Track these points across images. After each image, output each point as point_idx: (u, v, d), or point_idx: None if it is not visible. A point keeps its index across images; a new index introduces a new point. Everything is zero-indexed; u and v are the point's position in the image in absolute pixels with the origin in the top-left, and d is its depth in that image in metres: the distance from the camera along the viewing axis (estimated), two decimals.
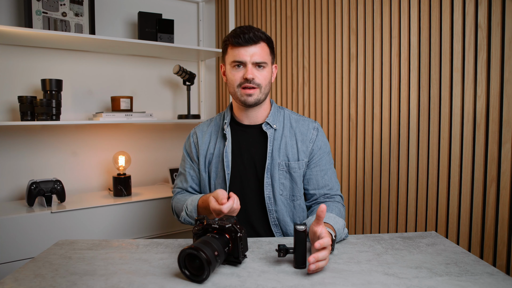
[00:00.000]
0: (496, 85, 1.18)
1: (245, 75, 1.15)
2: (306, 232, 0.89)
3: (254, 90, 1.17)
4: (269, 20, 2.06)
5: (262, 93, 1.19)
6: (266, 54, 1.18)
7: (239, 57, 1.16)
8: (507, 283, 0.79)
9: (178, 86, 2.36)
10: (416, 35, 1.40)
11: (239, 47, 1.15)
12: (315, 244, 0.84)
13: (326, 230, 0.91)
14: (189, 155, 1.33)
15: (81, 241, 1.08)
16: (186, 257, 0.82)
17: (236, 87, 1.18)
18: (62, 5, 1.84)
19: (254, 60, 1.15)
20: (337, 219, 1.07)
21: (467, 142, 1.26)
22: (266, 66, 1.18)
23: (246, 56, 1.15)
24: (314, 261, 0.83)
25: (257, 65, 1.16)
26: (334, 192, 1.23)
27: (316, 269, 0.84)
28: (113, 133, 2.14)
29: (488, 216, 1.21)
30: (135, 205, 1.82)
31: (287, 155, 1.21)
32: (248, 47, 1.15)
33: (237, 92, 1.18)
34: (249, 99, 1.17)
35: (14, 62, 1.84)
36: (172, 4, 2.32)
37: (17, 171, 1.87)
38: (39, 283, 0.81)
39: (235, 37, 1.15)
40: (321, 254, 0.84)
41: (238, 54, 1.16)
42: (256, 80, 1.16)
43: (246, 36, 1.14)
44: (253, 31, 1.15)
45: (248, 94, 1.17)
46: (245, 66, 1.16)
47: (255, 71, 1.16)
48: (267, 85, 1.19)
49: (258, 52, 1.16)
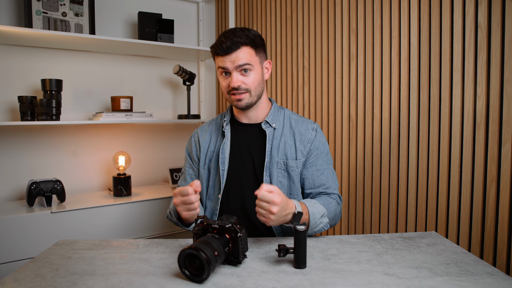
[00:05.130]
0: (496, 85, 1.18)
1: (231, 84, 1.16)
2: (306, 231, 0.89)
3: (244, 95, 1.18)
4: (269, 20, 2.06)
5: (253, 95, 1.19)
6: (250, 57, 1.17)
7: (222, 65, 1.16)
8: (507, 283, 0.79)
9: (178, 86, 2.36)
10: (416, 35, 1.39)
11: (220, 56, 1.16)
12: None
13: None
14: (190, 155, 1.35)
15: (81, 241, 1.08)
16: (186, 257, 0.82)
17: (227, 93, 1.20)
18: (62, 5, 1.84)
19: (236, 65, 1.15)
20: (316, 204, 1.10)
21: (467, 142, 1.26)
22: (253, 69, 1.17)
23: (228, 63, 1.15)
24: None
25: (242, 70, 1.16)
26: (330, 191, 1.23)
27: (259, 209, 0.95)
28: (113, 133, 2.14)
29: (488, 216, 1.21)
30: (135, 205, 1.82)
31: (285, 154, 1.22)
32: (229, 55, 1.15)
33: (229, 98, 1.21)
34: (240, 104, 1.19)
35: (14, 62, 1.84)
36: (172, 4, 2.32)
37: (17, 171, 1.87)
38: (39, 283, 0.81)
39: (215, 47, 1.16)
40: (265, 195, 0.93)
41: (222, 62, 1.16)
42: (243, 86, 1.17)
43: (224, 46, 1.14)
44: (231, 38, 1.14)
45: (238, 99, 1.18)
46: (231, 73, 1.17)
47: (240, 77, 1.16)
48: (257, 87, 1.19)
49: (239, 57, 1.15)
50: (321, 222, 1.09)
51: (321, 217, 1.09)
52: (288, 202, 0.99)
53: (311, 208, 1.08)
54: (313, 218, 1.07)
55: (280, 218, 0.97)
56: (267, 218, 0.96)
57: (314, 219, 1.07)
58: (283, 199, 0.96)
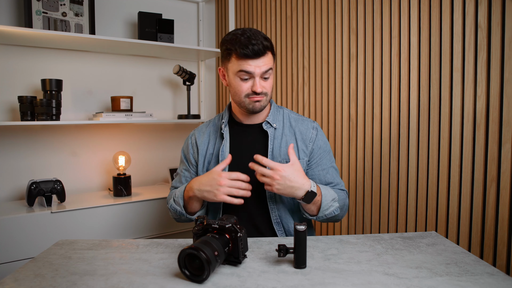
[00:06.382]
0: (496, 85, 1.18)
1: (254, 88, 1.13)
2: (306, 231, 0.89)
3: (261, 97, 1.17)
4: (269, 20, 2.06)
5: (268, 99, 1.20)
6: (271, 62, 1.17)
7: (247, 68, 1.12)
8: (507, 283, 0.79)
9: (178, 86, 2.36)
10: (416, 35, 1.40)
11: (247, 59, 1.11)
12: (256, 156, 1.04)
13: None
14: (186, 157, 1.33)
15: (81, 241, 1.08)
16: (186, 257, 0.82)
17: (243, 97, 1.16)
18: (62, 5, 1.84)
19: (262, 71, 1.13)
20: (328, 188, 1.15)
21: (467, 142, 1.26)
22: (271, 74, 1.18)
23: (255, 68, 1.12)
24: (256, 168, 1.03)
25: (264, 75, 1.15)
26: (338, 188, 1.24)
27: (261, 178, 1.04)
28: (113, 133, 2.14)
29: (488, 216, 1.21)
30: (135, 205, 1.82)
31: (287, 154, 1.21)
32: (257, 59, 1.12)
33: (245, 101, 1.17)
34: (257, 106, 1.18)
35: (14, 62, 1.84)
36: (172, 4, 2.32)
37: (17, 171, 1.87)
38: (39, 283, 0.81)
39: (243, 48, 1.10)
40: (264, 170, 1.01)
41: (246, 66, 1.12)
42: (264, 90, 1.16)
43: (255, 48, 1.10)
44: (260, 40, 1.11)
45: (256, 101, 1.17)
46: (253, 77, 1.14)
47: (262, 82, 1.15)
48: (271, 91, 1.21)
49: (265, 63, 1.13)
50: (332, 205, 1.12)
51: (332, 201, 1.12)
52: (299, 175, 1.05)
53: (323, 190, 1.12)
54: (325, 200, 1.11)
55: (286, 187, 1.05)
56: (271, 186, 1.03)
57: (326, 200, 1.11)
58: (290, 169, 1.04)
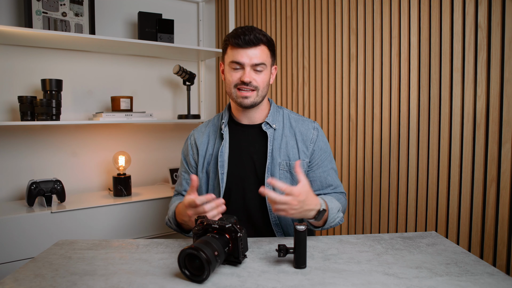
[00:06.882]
0: (496, 85, 1.18)
1: (243, 78, 1.14)
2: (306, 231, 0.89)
3: (251, 92, 1.16)
4: (269, 20, 2.06)
5: (259, 95, 1.18)
6: (265, 57, 1.17)
7: (238, 58, 1.14)
8: (507, 283, 0.79)
9: (178, 86, 2.36)
10: (416, 35, 1.39)
11: (239, 48, 1.14)
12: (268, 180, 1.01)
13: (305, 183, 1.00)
14: (185, 158, 1.33)
15: (81, 241, 1.08)
16: (186, 257, 0.82)
17: (233, 87, 1.18)
18: (62, 5, 1.84)
19: (252, 62, 1.14)
20: (333, 200, 1.13)
21: (467, 142, 1.26)
22: (265, 69, 1.17)
23: (245, 58, 1.14)
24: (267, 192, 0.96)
25: (255, 68, 1.15)
26: (338, 190, 1.25)
27: (274, 207, 0.98)
28: (113, 133, 2.14)
29: (488, 216, 1.21)
30: (135, 205, 1.82)
31: (288, 155, 1.21)
32: (248, 49, 1.14)
33: (234, 93, 1.18)
34: (245, 101, 1.17)
35: (14, 62, 1.84)
36: (172, 4, 2.32)
37: (17, 171, 1.87)
38: (39, 283, 0.81)
39: (235, 38, 1.14)
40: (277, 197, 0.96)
41: (237, 55, 1.15)
42: (254, 83, 1.16)
43: (246, 38, 1.13)
44: (254, 32, 1.14)
45: (244, 97, 1.17)
46: (243, 68, 1.15)
47: (253, 74, 1.15)
48: (264, 87, 1.19)
49: (257, 55, 1.14)
50: (338, 216, 1.12)
51: (337, 212, 1.12)
52: (312, 196, 1.02)
53: (329, 203, 1.10)
54: (332, 213, 1.09)
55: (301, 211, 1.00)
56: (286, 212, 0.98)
57: (332, 213, 1.09)
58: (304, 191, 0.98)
